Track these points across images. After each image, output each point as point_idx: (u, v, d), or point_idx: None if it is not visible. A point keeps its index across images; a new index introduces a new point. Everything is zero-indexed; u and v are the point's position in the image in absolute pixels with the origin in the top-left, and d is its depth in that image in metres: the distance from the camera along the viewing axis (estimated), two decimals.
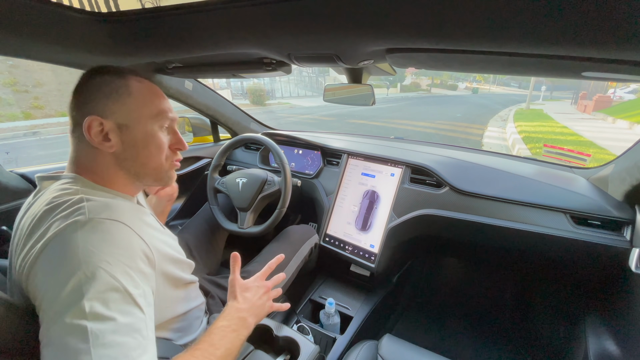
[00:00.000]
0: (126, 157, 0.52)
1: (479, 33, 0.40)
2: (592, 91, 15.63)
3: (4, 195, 0.92)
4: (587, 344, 0.91)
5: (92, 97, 0.50)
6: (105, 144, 0.50)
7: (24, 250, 0.43)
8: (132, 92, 0.51)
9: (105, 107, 0.50)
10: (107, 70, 0.52)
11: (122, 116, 0.51)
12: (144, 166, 0.54)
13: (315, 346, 0.72)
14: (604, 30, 0.33)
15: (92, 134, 0.49)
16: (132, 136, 0.52)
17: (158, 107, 0.54)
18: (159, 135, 0.54)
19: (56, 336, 0.35)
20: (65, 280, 0.37)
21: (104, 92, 0.50)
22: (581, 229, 0.89)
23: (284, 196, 1.09)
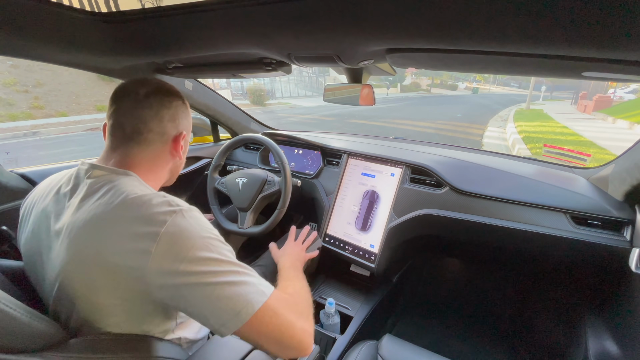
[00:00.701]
0: (177, 165, 0.67)
1: (479, 33, 0.40)
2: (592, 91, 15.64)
3: (4, 195, 0.92)
4: (587, 344, 0.91)
5: (178, 115, 0.62)
6: (181, 152, 0.64)
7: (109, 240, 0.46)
8: (186, 111, 0.65)
9: (180, 122, 0.62)
10: (173, 92, 0.63)
11: (186, 129, 0.64)
12: (178, 170, 0.68)
13: (315, 346, 0.72)
14: (604, 30, 0.33)
15: (178, 145, 0.62)
16: (186, 146, 0.66)
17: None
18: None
19: (218, 281, 0.45)
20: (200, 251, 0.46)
21: (181, 111, 0.63)
22: (581, 229, 0.89)
23: (284, 196, 1.09)
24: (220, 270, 0.47)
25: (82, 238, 0.46)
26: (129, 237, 0.45)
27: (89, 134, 7.34)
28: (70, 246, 0.47)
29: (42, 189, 0.60)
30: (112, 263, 0.45)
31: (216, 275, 0.46)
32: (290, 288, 0.67)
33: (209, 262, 0.46)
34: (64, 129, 7.59)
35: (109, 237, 0.45)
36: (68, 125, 7.77)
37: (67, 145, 6.16)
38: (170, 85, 0.63)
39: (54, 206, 0.53)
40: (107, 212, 0.47)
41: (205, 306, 0.45)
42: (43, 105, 8.85)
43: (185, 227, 0.47)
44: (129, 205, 0.48)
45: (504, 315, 1.37)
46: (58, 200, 0.54)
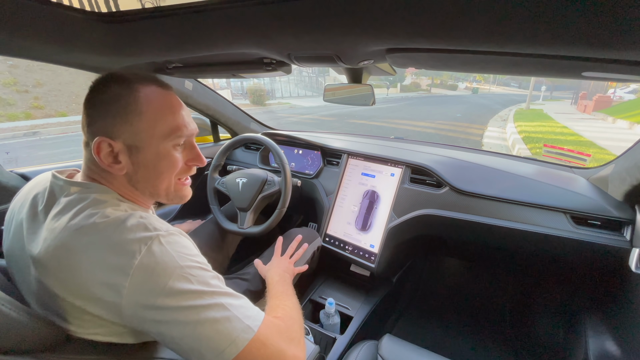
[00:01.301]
0: (138, 179, 0.51)
1: (479, 33, 0.40)
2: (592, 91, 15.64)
3: (4, 195, 0.92)
4: (587, 344, 0.91)
5: (101, 115, 0.47)
6: (115, 166, 0.48)
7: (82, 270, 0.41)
8: (142, 109, 0.47)
9: (114, 127, 0.46)
10: (116, 80, 0.48)
11: (131, 137, 0.47)
12: (156, 187, 0.53)
13: (315, 346, 0.72)
14: (604, 30, 0.33)
15: (101, 155, 0.47)
16: (143, 157, 0.49)
17: (171, 125, 0.50)
18: (173, 154, 0.51)
19: (199, 318, 0.42)
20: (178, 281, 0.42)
21: (113, 109, 0.46)
22: (581, 229, 0.89)
23: (284, 196, 1.08)
24: (201, 304, 0.42)
25: (52, 270, 0.42)
26: (101, 268, 0.41)
27: None
28: (42, 276, 0.43)
29: (23, 194, 0.55)
30: (85, 296, 0.41)
31: (197, 310, 0.42)
32: (280, 309, 0.60)
33: (188, 296, 0.42)
34: (64, 129, 7.59)
35: (79, 268, 0.41)
36: (68, 125, 7.77)
37: (67, 145, 6.16)
38: (111, 74, 0.49)
39: (30, 223, 0.48)
40: (77, 238, 0.42)
41: (185, 344, 0.42)
42: (43, 105, 8.85)
43: (162, 257, 0.42)
44: (100, 230, 0.42)
45: (504, 315, 1.37)
46: (34, 216, 0.49)
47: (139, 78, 0.49)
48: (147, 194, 0.53)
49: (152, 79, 0.51)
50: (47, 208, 0.47)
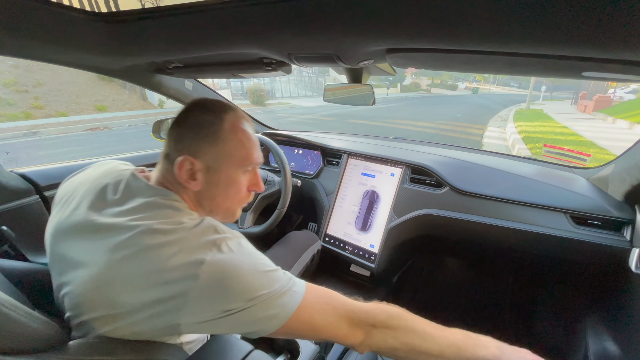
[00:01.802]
0: (206, 197, 0.55)
1: (479, 33, 0.40)
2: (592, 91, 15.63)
3: (4, 195, 0.92)
4: (587, 344, 0.91)
5: (190, 136, 0.52)
6: (191, 182, 0.53)
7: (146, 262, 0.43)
8: (226, 137, 0.53)
9: (200, 148, 0.52)
10: (208, 108, 0.54)
11: (211, 159, 0.53)
12: (218, 206, 0.57)
13: (315, 346, 0.72)
14: (604, 30, 0.33)
15: (182, 171, 0.51)
16: (217, 178, 0.54)
17: (246, 155, 0.56)
18: (241, 179, 0.57)
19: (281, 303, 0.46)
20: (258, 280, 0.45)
21: (202, 133, 0.52)
22: (581, 229, 0.89)
23: (284, 196, 1.09)
24: (271, 299, 0.45)
25: (120, 259, 0.44)
26: (173, 267, 0.42)
27: (88, 134, 7.34)
28: (102, 269, 0.44)
29: (84, 178, 0.57)
30: (147, 291, 0.42)
31: (266, 305, 0.45)
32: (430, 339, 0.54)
33: (261, 296, 0.44)
34: (64, 129, 7.59)
35: (151, 263, 0.43)
36: (68, 125, 7.77)
37: (67, 145, 6.16)
38: (205, 101, 0.56)
39: (96, 209, 0.50)
40: (154, 237, 0.44)
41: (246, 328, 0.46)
42: (43, 105, 8.85)
43: (233, 258, 0.45)
44: (177, 232, 0.45)
45: (504, 314, 1.37)
46: (102, 202, 0.51)
47: (227, 108, 0.56)
48: (207, 210, 0.57)
49: (237, 111, 0.57)
50: (122, 201, 0.50)
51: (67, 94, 9.67)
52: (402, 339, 0.52)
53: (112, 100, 10.30)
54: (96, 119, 8.51)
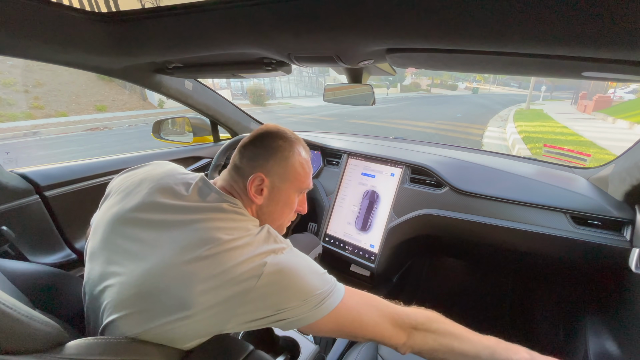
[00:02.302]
0: (265, 211, 0.62)
1: (479, 33, 0.40)
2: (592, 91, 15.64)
3: (4, 195, 0.92)
4: (587, 344, 0.91)
5: (265, 156, 0.59)
6: (257, 197, 0.59)
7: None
8: (293, 164, 0.61)
9: (272, 168, 0.59)
10: (284, 136, 0.61)
11: (278, 179, 0.60)
12: (273, 221, 0.63)
13: (315, 346, 0.72)
14: (604, 30, 0.33)
15: (252, 186, 0.58)
16: (278, 196, 0.61)
17: (303, 182, 0.64)
18: (294, 200, 0.64)
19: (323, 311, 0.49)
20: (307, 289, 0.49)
21: (277, 156, 0.59)
22: (581, 229, 0.89)
23: None
24: (320, 300, 0.49)
25: (185, 263, 0.46)
26: (239, 267, 0.46)
27: (88, 134, 7.34)
28: (168, 264, 0.46)
29: (155, 176, 0.60)
30: (214, 299, 0.44)
31: (317, 304, 0.49)
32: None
33: (313, 298, 0.48)
34: (64, 129, 7.59)
35: (223, 262, 0.46)
36: (68, 125, 7.77)
37: (67, 145, 6.16)
38: (279, 129, 0.63)
39: (165, 202, 0.54)
40: (224, 234, 0.49)
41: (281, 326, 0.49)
42: (43, 105, 8.85)
43: (289, 264, 0.49)
44: (243, 236, 0.49)
45: (504, 314, 1.37)
46: (175, 199, 0.54)
47: (298, 138, 0.64)
48: (262, 223, 0.62)
49: (303, 142, 0.65)
50: (193, 201, 0.55)
51: (67, 94, 9.67)
52: (441, 340, 0.55)
53: (112, 100, 10.30)
54: (96, 119, 8.51)
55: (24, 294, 0.54)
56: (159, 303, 0.45)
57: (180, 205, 0.53)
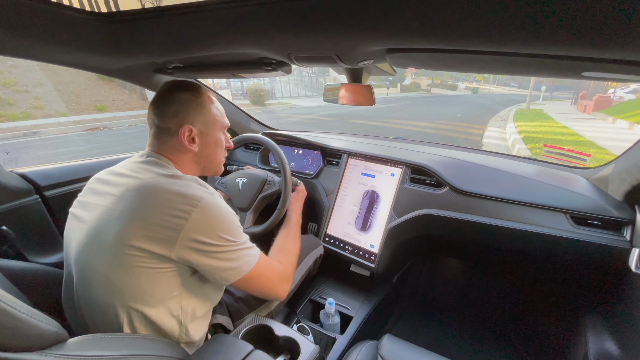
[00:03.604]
0: (201, 156, 0.71)
1: (479, 33, 0.40)
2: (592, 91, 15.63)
3: (4, 195, 0.92)
4: (587, 344, 0.91)
5: (185, 109, 0.67)
6: (192, 145, 0.68)
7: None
8: (210, 107, 0.70)
9: (194, 117, 0.68)
10: (188, 87, 0.69)
11: (203, 125, 0.69)
12: (211, 162, 0.74)
13: (315, 346, 0.72)
14: (604, 30, 0.33)
15: (185, 137, 0.66)
16: (207, 140, 0.71)
17: (222, 121, 0.74)
18: (222, 139, 0.75)
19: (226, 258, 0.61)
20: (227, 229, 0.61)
21: (193, 106, 0.67)
22: (581, 229, 0.89)
23: (284, 196, 1.08)
24: (230, 250, 0.61)
25: (134, 202, 0.57)
26: (170, 208, 0.56)
27: (88, 134, 7.34)
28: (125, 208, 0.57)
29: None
30: (154, 224, 0.55)
31: (226, 254, 0.61)
32: (284, 254, 0.83)
33: (225, 243, 0.60)
34: (64, 129, 7.59)
35: (154, 204, 0.56)
36: (68, 125, 7.77)
37: (67, 145, 6.16)
38: (180, 82, 0.70)
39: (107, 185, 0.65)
40: (159, 182, 0.60)
41: (211, 269, 0.60)
42: (43, 105, 8.85)
43: (214, 209, 0.59)
44: (172, 182, 0.60)
45: (504, 314, 1.37)
46: (106, 183, 0.65)
47: (198, 86, 0.71)
48: (201, 167, 0.73)
49: (206, 88, 0.74)
50: (122, 169, 0.66)
51: (67, 94, 9.66)
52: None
53: (112, 100, 10.30)
54: (96, 119, 8.50)
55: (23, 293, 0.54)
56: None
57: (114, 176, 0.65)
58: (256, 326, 0.73)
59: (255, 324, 0.74)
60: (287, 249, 0.86)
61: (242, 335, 0.70)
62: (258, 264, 0.66)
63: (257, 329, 0.73)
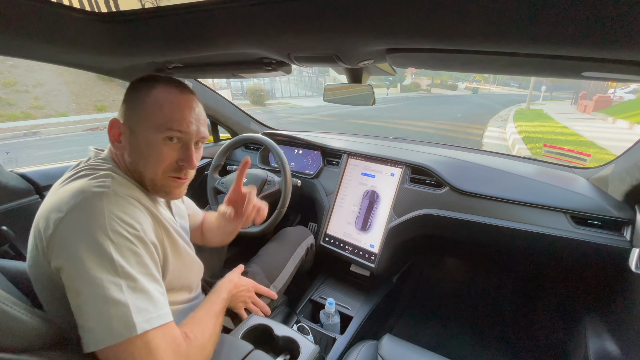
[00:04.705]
0: (131, 161, 0.56)
1: (479, 33, 0.40)
2: (592, 91, 15.62)
3: (4, 195, 0.92)
4: (587, 344, 0.91)
5: (123, 101, 0.56)
6: (116, 144, 0.56)
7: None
8: (146, 100, 0.54)
9: (125, 111, 0.56)
10: (144, 79, 0.57)
11: (131, 121, 0.55)
12: (141, 174, 0.56)
13: (315, 346, 0.72)
14: (604, 30, 0.33)
15: (110, 132, 0.56)
16: (136, 141, 0.55)
17: (165, 118, 0.54)
18: (161, 147, 0.55)
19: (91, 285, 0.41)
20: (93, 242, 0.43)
21: (130, 99, 0.56)
22: (581, 229, 0.89)
23: (284, 196, 1.09)
24: (100, 273, 0.42)
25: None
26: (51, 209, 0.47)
27: (88, 134, 7.34)
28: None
29: None
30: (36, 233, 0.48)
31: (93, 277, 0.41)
32: (199, 330, 0.55)
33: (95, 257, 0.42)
34: (64, 129, 7.59)
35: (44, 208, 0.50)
36: (68, 125, 7.77)
37: (67, 145, 6.16)
38: (153, 75, 0.60)
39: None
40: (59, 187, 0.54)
41: (73, 306, 0.42)
42: (43, 105, 8.85)
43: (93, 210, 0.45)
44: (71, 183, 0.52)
45: (504, 314, 1.37)
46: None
47: (163, 80, 0.57)
48: (136, 178, 0.57)
49: (173, 82, 0.57)
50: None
51: (67, 94, 9.66)
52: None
53: (112, 100, 10.29)
54: (96, 119, 8.50)
55: (23, 294, 0.54)
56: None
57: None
58: (256, 326, 0.73)
59: (255, 324, 0.74)
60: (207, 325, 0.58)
61: (242, 335, 0.70)
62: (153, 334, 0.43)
63: (257, 329, 0.73)
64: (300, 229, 1.17)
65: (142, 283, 0.45)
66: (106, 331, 0.40)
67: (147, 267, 0.47)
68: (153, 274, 0.48)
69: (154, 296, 0.45)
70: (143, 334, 0.42)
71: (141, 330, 0.41)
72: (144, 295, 0.44)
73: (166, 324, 0.45)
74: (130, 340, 0.41)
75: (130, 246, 0.45)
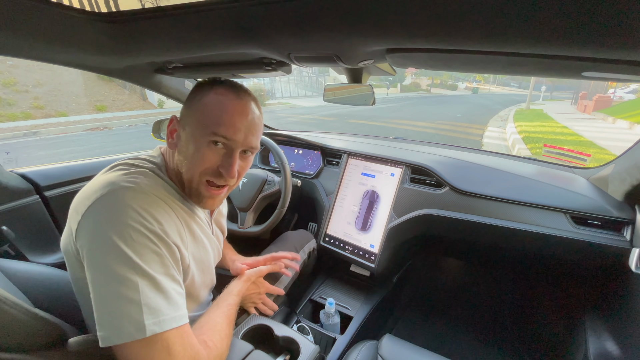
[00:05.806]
0: (179, 159, 0.57)
1: (480, 33, 0.40)
2: (592, 91, 15.63)
3: (4, 195, 0.92)
4: (587, 344, 0.91)
5: (186, 99, 0.59)
6: (170, 140, 0.58)
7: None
8: (201, 100, 0.55)
9: (183, 109, 0.58)
10: (209, 80, 0.59)
11: (186, 119, 0.56)
12: (183, 173, 0.56)
13: (315, 346, 0.72)
14: (604, 30, 0.33)
15: (168, 128, 0.58)
16: (185, 139, 0.55)
17: (212, 121, 0.53)
18: (204, 148, 0.54)
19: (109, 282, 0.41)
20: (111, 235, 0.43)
21: (190, 97, 0.58)
22: (581, 229, 0.89)
23: (284, 196, 1.09)
24: (118, 269, 0.41)
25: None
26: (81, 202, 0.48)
27: (88, 134, 7.34)
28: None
29: None
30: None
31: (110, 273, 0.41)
32: (217, 337, 0.54)
33: (113, 254, 0.41)
34: (64, 129, 7.59)
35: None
36: (68, 125, 7.77)
37: (67, 145, 6.16)
38: (214, 79, 0.61)
39: None
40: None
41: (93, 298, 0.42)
42: (43, 105, 8.85)
43: (113, 205, 0.45)
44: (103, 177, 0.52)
45: (504, 314, 1.37)
46: None
47: (224, 82, 0.58)
48: (184, 174, 0.57)
49: (233, 86, 0.58)
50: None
51: (67, 94, 9.66)
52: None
53: (112, 100, 10.30)
54: (96, 119, 8.51)
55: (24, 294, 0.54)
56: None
57: None
58: (256, 326, 0.73)
59: (255, 324, 0.74)
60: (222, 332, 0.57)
61: (242, 335, 0.70)
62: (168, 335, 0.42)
63: (257, 329, 0.73)
64: (302, 233, 1.17)
65: (159, 282, 0.43)
66: (116, 329, 0.39)
67: (165, 266, 0.46)
68: (171, 274, 0.47)
69: (171, 296, 0.44)
70: (157, 335, 0.41)
71: (150, 333, 0.40)
72: (160, 296, 0.43)
73: (181, 327, 0.44)
74: (146, 340, 0.40)
75: (147, 243, 0.44)
